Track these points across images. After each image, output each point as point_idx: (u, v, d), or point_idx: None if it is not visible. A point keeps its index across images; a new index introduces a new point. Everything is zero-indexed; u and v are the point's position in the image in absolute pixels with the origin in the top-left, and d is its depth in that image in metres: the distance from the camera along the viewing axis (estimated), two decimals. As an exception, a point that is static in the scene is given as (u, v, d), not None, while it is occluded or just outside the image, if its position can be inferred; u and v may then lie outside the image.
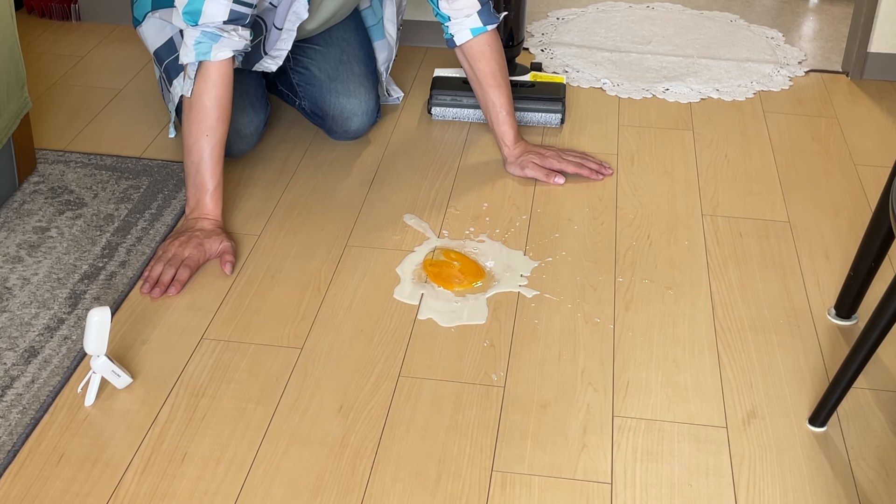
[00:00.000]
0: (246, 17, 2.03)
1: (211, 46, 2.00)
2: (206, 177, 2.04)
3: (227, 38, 2.00)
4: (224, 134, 2.06)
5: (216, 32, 1.99)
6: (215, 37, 2.00)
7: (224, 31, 2.00)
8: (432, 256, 2.04)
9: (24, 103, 2.19)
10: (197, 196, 2.05)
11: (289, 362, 1.78)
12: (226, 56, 2.01)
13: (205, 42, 1.99)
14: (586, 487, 1.55)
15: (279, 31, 2.23)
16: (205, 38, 1.99)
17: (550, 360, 1.80)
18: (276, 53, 2.27)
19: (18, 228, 2.10)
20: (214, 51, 2.00)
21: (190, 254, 1.98)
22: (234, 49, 2.02)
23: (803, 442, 1.64)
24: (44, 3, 3.06)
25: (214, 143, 2.04)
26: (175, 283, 1.94)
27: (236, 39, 2.01)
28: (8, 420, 1.64)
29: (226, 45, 2.01)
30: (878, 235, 1.79)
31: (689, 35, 3.06)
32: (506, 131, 2.32)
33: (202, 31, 1.99)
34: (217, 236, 2.03)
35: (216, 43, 2.00)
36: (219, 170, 2.05)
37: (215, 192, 2.05)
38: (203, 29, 1.99)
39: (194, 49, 2.00)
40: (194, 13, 1.99)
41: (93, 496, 1.52)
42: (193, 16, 1.99)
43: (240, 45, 2.02)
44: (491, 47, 2.28)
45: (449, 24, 2.27)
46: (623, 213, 2.20)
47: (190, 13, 1.99)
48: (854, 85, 2.79)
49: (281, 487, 1.54)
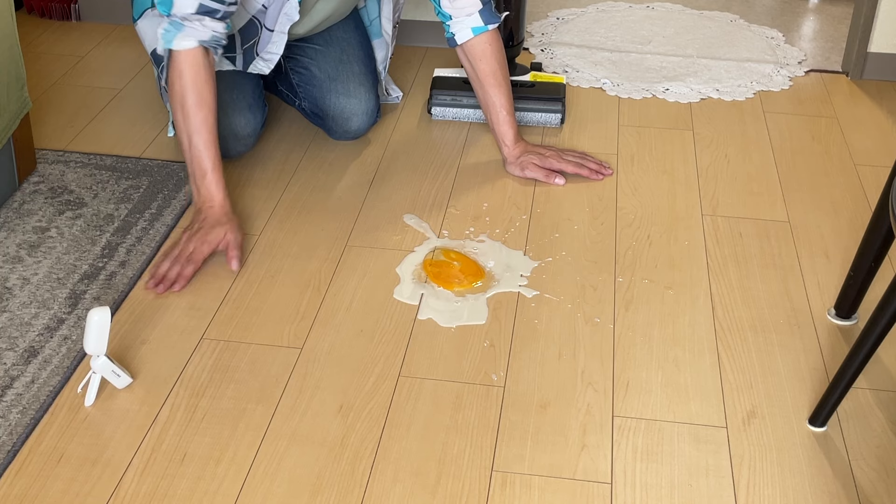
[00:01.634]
0: (216, 11, 2.04)
1: (175, 35, 2.02)
2: (202, 160, 2.04)
3: (190, 28, 2.02)
4: (207, 118, 2.04)
5: (180, 22, 2.02)
6: (179, 26, 2.02)
7: (187, 21, 2.02)
8: (432, 256, 2.04)
9: (24, 103, 2.19)
10: (197, 183, 2.05)
11: (289, 362, 1.78)
12: (189, 45, 2.02)
13: (170, 31, 2.03)
14: (586, 487, 1.55)
15: (271, 33, 2.23)
16: (171, 27, 2.03)
17: (550, 360, 1.80)
18: (267, 56, 2.27)
19: (18, 228, 2.10)
20: (177, 40, 2.02)
21: (195, 248, 1.98)
22: (198, 39, 2.03)
23: (803, 442, 1.64)
24: (44, 3, 3.06)
25: (197, 126, 2.03)
26: (179, 279, 1.95)
27: (200, 29, 2.03)
28: (8, 420, 1.64)
29: (189, 34, 2.02)
30: (878, 235, 1.79)
31: (689, 35, 3.06)
32: (506, 131, 2.32)
33: (170, 21, 2.03)
34: (221, 226, 2.02)
35: (180, 32, 2.02)
36: (212, 152, 2.04)
37: (213, 175, 2.05)
38: (171, 19, 2.03)
39: (161, 38, 2.04)
40: (167, 3, 2.03)
41: (93, 496, 1.52)
42: (166, 5, 2.03)
43: (205, 36, 2.03)
44: (492, 46, 2.28)
45: (450, 23, 2.27)
46: (623, 213, 2.20)
47: (163, 3, 2.04)
48: (854, 85, 2.79)
49: (281, 487, 1.54)
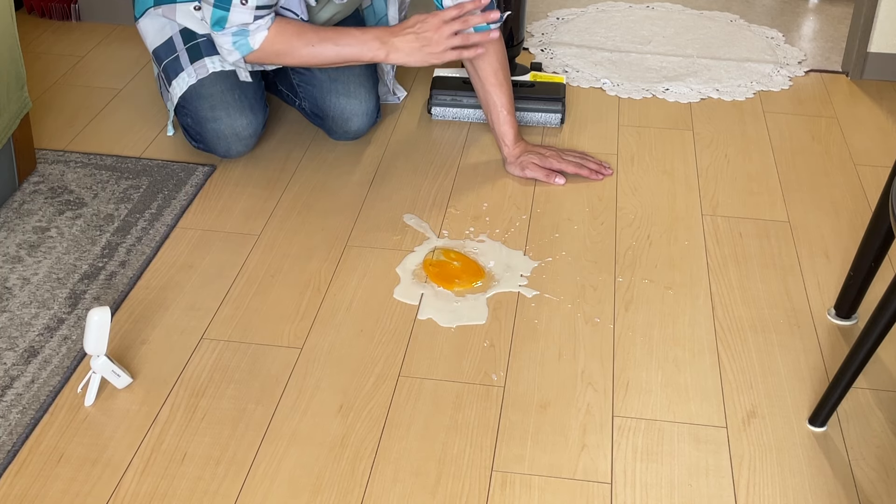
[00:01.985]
0: (270, 12, 2.13)
1: (247, 39, 2.13)
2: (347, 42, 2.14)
3: (255, 27, 2.12)
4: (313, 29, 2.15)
5: (243, 28, 2.11)
6: (245, 32, 2.12)
7: (250, 26, 2.12)
8: (432, 256, 2.04)
9: (24, 103, 2.19)
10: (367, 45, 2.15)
11: (289, 362, 1.78)
12: (264, 36, 2.13)
13: (240, 39, 2.13)
14: (586, 487, 1.55)
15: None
16: (237, 36, 2.12)
17: (550, 360, 1.80)
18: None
19: (18, 228, 2.10)
20: (251, 40, 2.13)
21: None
22: (267, 27, 2.13)
23: (803, 442, 1.64)
24: (44, 3, 3.06)
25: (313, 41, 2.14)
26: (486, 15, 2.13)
27: (263, 23, 2.13)
28: (8, 420, 1.64)
29: (257, 30, 2.12)
30: (878, 235, 1.79)
31: (689, 35, 3.06)
32: (506, 131, 2.32)
33: (232, 34, 2.12)
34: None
35: (248, 36, 2.12)
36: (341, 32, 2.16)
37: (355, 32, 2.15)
38: (231, 31, 2.12)
39: (235, 49, 2.14)
40: (221, 21, 2.11)
41: (93, 496, 1.52)
42: (221, 24, 2.11)
43: (270, 22, 2.13)
44: (493, 45, 2.28)
45: None
46: (623, 213, 2.20)
47: (218, 22, 2.11)
48: (854, 85, 2.79)
49: (281, 487, 1.54)
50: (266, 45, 2.14)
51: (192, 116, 2.28)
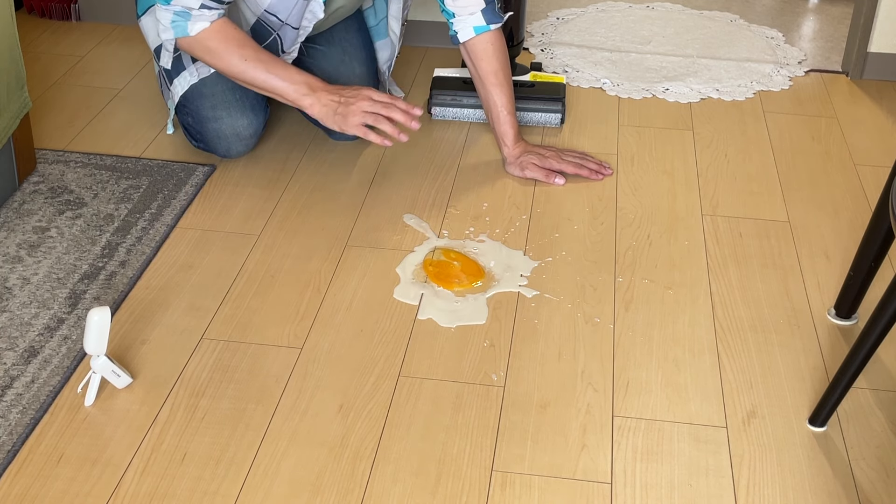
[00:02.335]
0: (217, 9, 2.09)
1: (186, 24, 2.09)
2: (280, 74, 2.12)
3: (199, 15, 2.08)
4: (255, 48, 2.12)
5: (186, 11, 2.08)
6: (187, 15, 2.08)
7: (194, 11, 2.08)
8: (432, 256, 2.04)
9: (24, 103, 2.19)
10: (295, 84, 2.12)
11: (289, 362, 1.78)
12: (204, 27, 2.09)
13: (179, 21, 2.09)
14: (586, 487, 1.55)
15: (296, 31, 2.25)
16: (178, 17, 2.09)
17: (550, 360, 1.80)
18: (291, 50, 2.30)
19: (18, 228, 2.10)
20: (191, 26, 2.09)
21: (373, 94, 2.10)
22: (210, 20, 2.09)
23: (803, 442, 1.64)
24: (44, 3, 3.06)
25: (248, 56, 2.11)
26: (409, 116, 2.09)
27: (207, 14, 2.09)
28: (8, 420, 1.64)
29: (201, 19, 2.09)
30: (878, 235, 1.79)
31: (689, 35, 3.06)
32: (506, 131, 2.32)
33: (174, 11, 2.08)
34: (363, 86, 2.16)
35: (189, 20, 2.09)
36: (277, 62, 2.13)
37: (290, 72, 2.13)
38: (174, 9, 2.08)
39: (171, 27, 2.10)
40: None
41: (93, 496, 1.52)
42: None
43: (215, 17, 2.10)
44: (494, 46, 2.28)
45: (454, 21, 2.28)
46: (623, 213, 2.20)
47: None
48: (854, 85, 2.79)
49: (281, 487, 1.54)
50: (202, 36, 2.10)
51: (192, 115, 2.28)
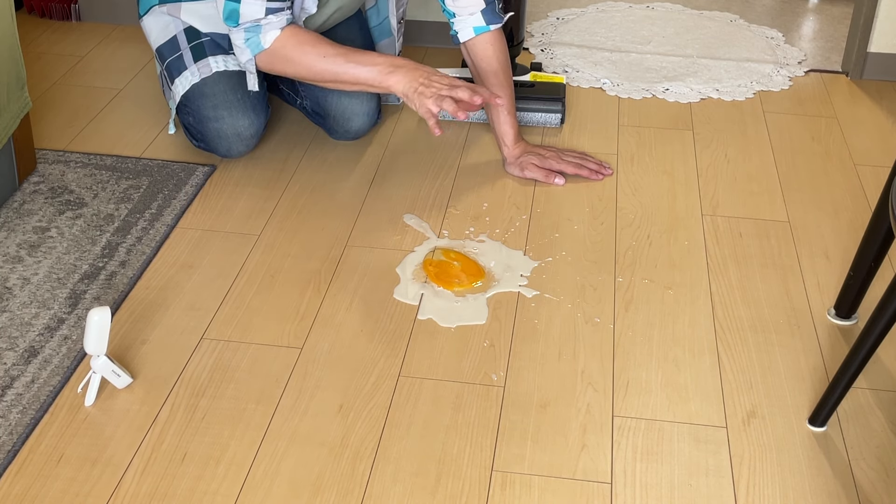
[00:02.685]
0: (282, 9, 2.11)
1: (259, 37, 2.10)
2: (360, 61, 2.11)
3: (267, 24, 2.10)
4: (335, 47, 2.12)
5: (256, 24, 2.09)
6: (258, 29, 2.10)
7: (262, 21, 2.09)
8: (432, 256, 2.04)
9: (24, 103, 2.19)
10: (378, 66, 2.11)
11: (289, 362, 1.78)
12: (276, 35, 2.11)
13: (252, 37, 2.10)
14: (586, 487, 1.55)
15: None
16: (250, 33, 2.10)
17: (550, 360, 1.80)
18: None
19: (18, 228, 2.10)
20: (263, 38, 2.11)
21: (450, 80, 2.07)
22: (280, 27, 2.11)
23: (803, 442, 1.64)
24: (44, 3, 3.06)
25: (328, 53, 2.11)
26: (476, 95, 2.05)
27: (276, 21, 2.10)
28: (8, 420, 1.64)
29: (270, 29, 2.10)
30: (878, 235, 1.79)
31: (689, 35, 3.06)
32: (506, 131, 2.32)
33: (244, 29, 2.10)
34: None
35: (261, 32, 2.10)
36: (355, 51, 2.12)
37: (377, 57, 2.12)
38: (244, 26, 2.09)
39: (247, 47, 2.12)
40: (233, 15, 2.08)
41: (93, 496, 1.52)
42: (233, 18, 2.09)
43: (284, 22, 2.11)
44: (494, 46, 2.28)
45: (454, 21, 2.28)
46: (623, 213, 2.20)
47: (230, 17, 2.09)
48: (854, 85, 2.79)
49: (281, 487, 1.54)
50: (277, 45, 2.12)
51: (193, 115, 2.28)
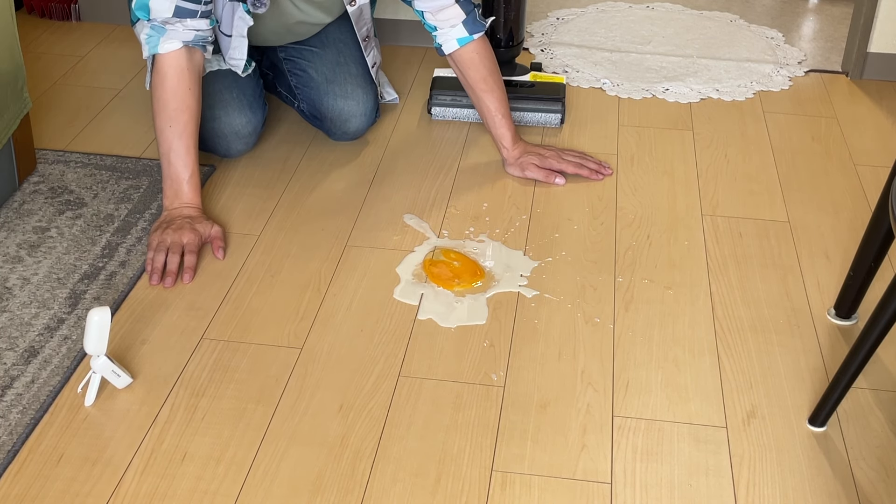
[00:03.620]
0: (194, 12, 2.05)
1: (158, 39, 2.05)
2: (179, 167, 2.06)
3: (172, 31, 2.04)
4: (189, 123, 2.06)
5: (162, 26, 2.04)
6: (161, 30, 2.04)
7: (169, 24, 2.04)
8: (432, 256, 2.04)
9: (24, 103, 2.19)
10: (174, 187, 2.07)
11: (289, 362, 1.78)
12: (174, 47, 2.04)
13: (153, 35, 2.05)
14: (586, 487, 1.55)
15: (230, 38, 2.23)
16: (153, 31, 2.05)
17: (550, 360, 1.80)
18: (233, 62, 2.28)
19: (18, 228, 2.10)
20: (161, 43, 2.05)
21: (188, 239, 1.99)
22: (182, 40, 2.05)
23: (803, 442, 1.64)
24: (44, 3, 3.06)
25: (180, 131, 2.05)
26: (186, 269, 1.96)
27: (181, 31, 2.05)
28: (8, 420, 1.64)
29: (172, 36, 2.04)
30: (878, 235, 1.79)
31: (689, 35, 3.06)
32: (503, 134, 2.32)
33: (151, 26, 2.05)
34: (206, 220, 2.06)
35: (163, 36, 2.04)
36: (191, 158, 2.07)
37: (191, 181, 2.07)
38: (152, 24, 2.04)
39: (146, 43, 2.06)
40: (144, 7, 2.04)
41: (93, 496, 1.52)
42: (144, 10, 2.04)
43: (188, 37, 2.05)
44: (479, 54, 2.27)
45: (436, 34, 2.27)
46: (623, 213, 2.20)
47: (140, 8, 2.04)
48: (854, 85, 2.79)
49: (281, 487, 1.54)
50: (169, 60, 2.03)
51: (190, 116, 2.27)
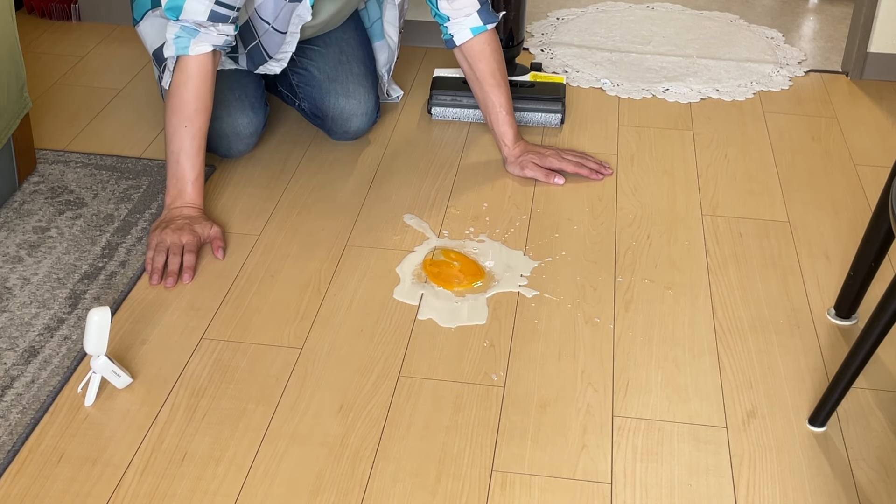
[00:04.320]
0: (227, 17, 2.05)
1: (189, 41, 2.03)
2: (187, 167, 2.06)
3: (205, 34, 2.04)
4: (203, 125, 2.07)
5: (195, 28, 2.03)
6: (194, 32, 2.03)
7: (202, 27, 2.03)
8: (432, 256, 2.04)
9: (24, 103, 2.19)
10: (178, 186, 2.07)
11: (289, 362, 1.78)
12: (204, 50, 2.04)
13: (183, 37, 2.03)
14: (586, 487, 1.55)
15: (283, 35, 2.23)
16: (184, 32, 2.03)
17: (550, 360, 1.80)
18: (280, 56, 2.28)
19: (18, 228, 2.10)
20: (192, 45, 2.04)
21: (188, 240, 1.99)
22: (213, 44, 2.05)
23: (803, 442, 1.64)
24: (44, 3, 3.06)
25: (194, 132, 2.06)
26: (186, 269, 1.97)
27: (214, 35, 2.04)
28: (8, 420, 1.64)
29: (204, 39, 2.04)
30: (877, 235, 1.79)
31: (689, 35, 3.06)
32: (505, 131, 2.32)
33: (181, 27, 2.03)
34: (206, 220, 2.06)
35: (194, 38, 2.03)
36: (199, 160, 2.07)
37: (196, 182, 2.07)
38: (182, 24, 2.03)
39: (174, 43, 2.04)
40: (176, 8, 2.02)
41: (93, 496, 1.52)
42: (175, 11, 2.03)
43: (219, 41, 2.05)
44: (490, 46, 2.28)
45: (448, 25, 2.27)
46: (623, 213, 2.20)
47: (172, 9, 2.03)
48: (854, 85, 2.79)
49: (281, 487, 1.54)
50: (196, 62, 2.03)
51: (191, 117, 2.27)
